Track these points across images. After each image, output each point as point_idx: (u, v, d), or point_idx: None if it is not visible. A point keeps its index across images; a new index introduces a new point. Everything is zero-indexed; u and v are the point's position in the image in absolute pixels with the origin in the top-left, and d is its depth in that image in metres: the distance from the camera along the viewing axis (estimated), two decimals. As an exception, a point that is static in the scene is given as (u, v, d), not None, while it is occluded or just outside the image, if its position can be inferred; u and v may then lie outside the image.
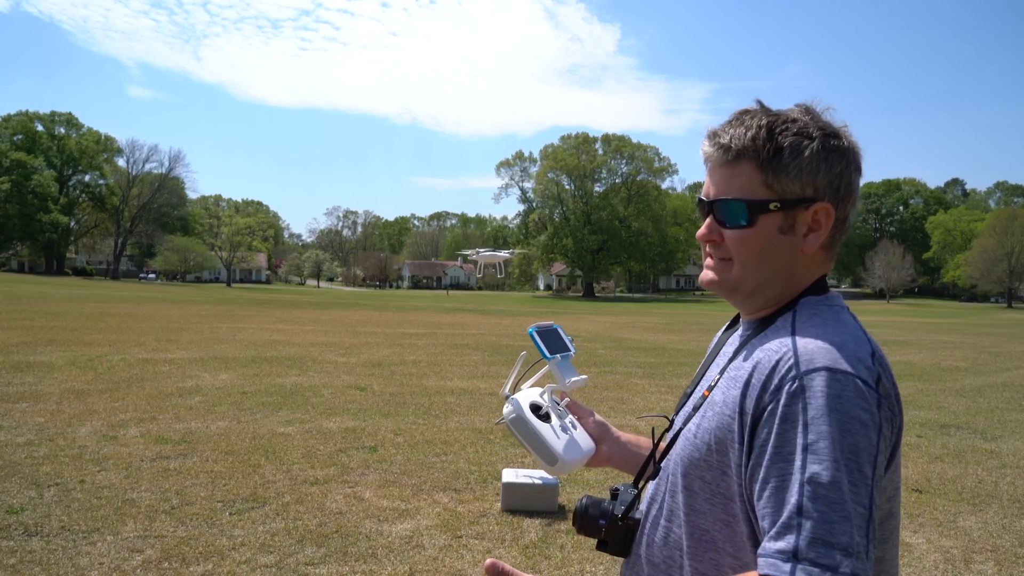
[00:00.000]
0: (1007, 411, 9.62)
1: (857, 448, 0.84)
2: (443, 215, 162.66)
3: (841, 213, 1.02)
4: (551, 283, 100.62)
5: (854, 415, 0.86)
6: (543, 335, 1.27)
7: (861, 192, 1.07)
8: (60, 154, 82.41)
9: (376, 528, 4.45)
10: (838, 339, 0.93)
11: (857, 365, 0.90)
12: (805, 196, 1.00)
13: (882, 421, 0.88)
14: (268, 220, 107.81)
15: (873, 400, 0.88)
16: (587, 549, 4.23)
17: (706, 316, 38.36)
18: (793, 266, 1.04)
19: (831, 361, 0.89)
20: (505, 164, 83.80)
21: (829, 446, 0.84)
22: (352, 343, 15.95)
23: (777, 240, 1.02)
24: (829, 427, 0.85)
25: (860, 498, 0.83)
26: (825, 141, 1.00)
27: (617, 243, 77.38)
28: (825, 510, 0.81)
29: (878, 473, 0.86)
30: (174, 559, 3.85)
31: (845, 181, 1.01)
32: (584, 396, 9.62)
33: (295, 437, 6.69)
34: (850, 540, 0.80)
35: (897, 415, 0.94)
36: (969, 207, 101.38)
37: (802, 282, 1.04)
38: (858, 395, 0.87)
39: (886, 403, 0.90)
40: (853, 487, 0.83)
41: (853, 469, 0.83)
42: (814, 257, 1.04)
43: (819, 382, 0.87)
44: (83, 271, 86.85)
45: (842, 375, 0.88)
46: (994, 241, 69.84)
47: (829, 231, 1.02)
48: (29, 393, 8.22)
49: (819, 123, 1.02)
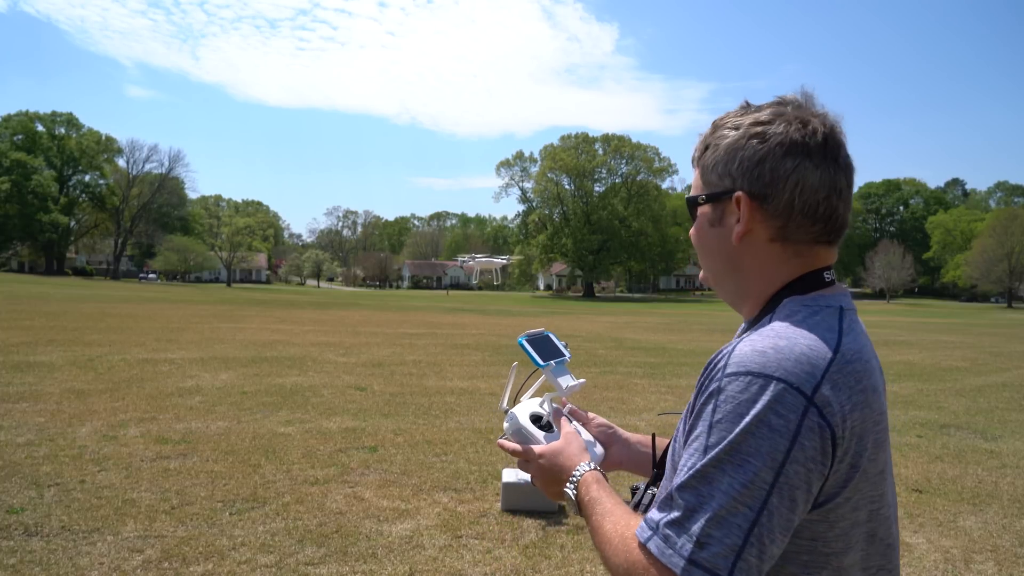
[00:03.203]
0: (1007, 411, 9.62)
1: (756, 451, 0.85)
2: (443, 215, 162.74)
3: (777, 202, 0.97)
4: (551, 283, 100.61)
5: (764, 419, 0.85)
6: (533, 343, 1.26)
7: (860, 192, 1.07)
8: (60, 154, 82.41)
9: (376, 528, 4.45)
10: (785, 342, 0.90)
11: (791, 369, 0.87)
12: (724, 187, 1.01)
13: (803, 429, 0.85)
14: (268, 220, 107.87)
15: (796, 407, 0.85)
16: (587, 549, 4.24)
17: (706, 316, 38.37)
18: (739, 261, 1.02)
19: (758, 365, 0.88)
20: (505, 164, 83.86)
21: (723, 449, 0.86)
22: (352, 343, 15.95)
23: (711, 233, 1.04)
24: (731, 428, 0.86)
25: (742, 499, 0.84)
26: (746, 131, 0.99)
27: (617, 243, 77.38)
28: (693, 500, 0.86)
29: (786, 481, 0.85)
30: (174, 559, 3.85)
31: (769, 168, 0.96)
32: (584, 396, 9.62)
33: (295, 437, 6.69)
34: (704, 532, 0.84)
35: (844, 426, 0.88)
36: (969, 207, 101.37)
37: (772, 280, 1.01)
38: (775, 400, 0.85)
39: (820, 412, 0.86)
40: (733, 487, 0.84)
41: (743, 471, 0.85)
42: (767, 253, 1.00)
43: (735, 385, 0.88)
44: (83, 271, 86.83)
45: (763, 379, 0.87)
46: (994, 241, 69.84)
47: (752, 220, 0.99)
48: (29, 393, 8.22)
49: (746, 115, 1.01)
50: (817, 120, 0.99)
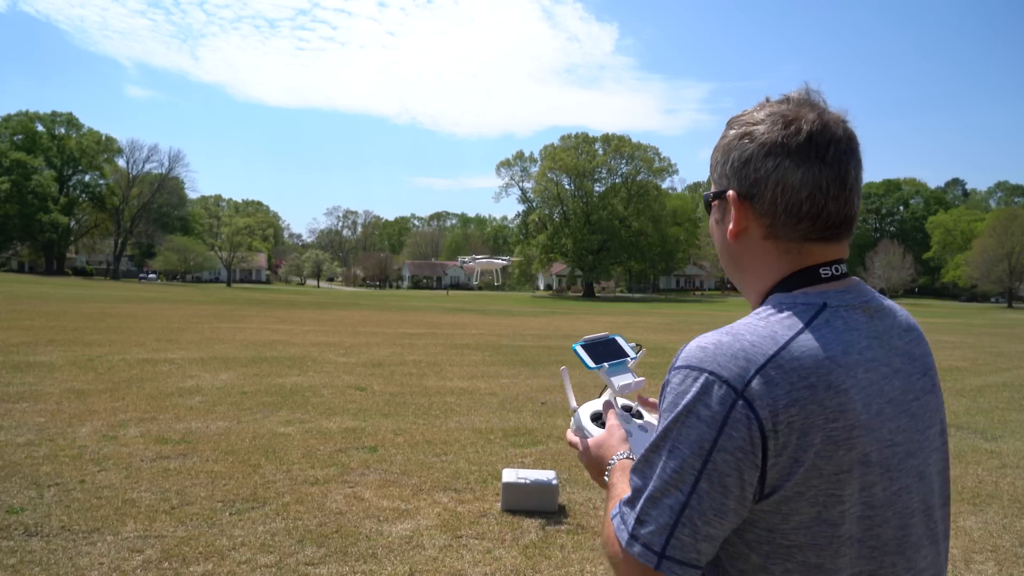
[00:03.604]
0: (1007, 411, 9.62)
1: (685, 439, 0.91)
2: (443, 215, 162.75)
3: (764, 201, 1.00)
4: (551, 283, 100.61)
5: (692, 409, 0.91)
6: (589, 347, 1.34)
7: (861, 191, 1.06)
8: (60, 154, 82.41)
9: (376, 528, 4.45)
10: (729, 337, 0.95)
11: (725, 363, 0.91)
12: (722, 186, 1.06)
13: (730, 420, 0.89)
14: (268, 220, 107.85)
15: (724, 399, 0.90)
16: (587, 549, 4.24)
17: (706, 316, 38.36)
18: (739, 258, 1.07)
19: (696, 360, 0.94)
20: (505, 164, 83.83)
21: (659, 435, 0.94)
22: (352, 343, 15.95)
23: (717, 231, 1.10)
24: (667, 417, 0.94)
25: (674, 482, 0.91)
26: (740, 131, 1.03)
27: (617, 243, 77.37)
28: (638, 482, 0.95)
29: (714, 467, 0.90)
30: (174, 559, 3.85)
31: (752, 167, 1.00)
32: (585, 396, 9.61)
33: (295, 437, 6.69)
34: (643, 510, 0.93)
35: (777, 419, 0.89)
36: (969, 207, 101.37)
37: (766, 277, 1.04)
38: (703, 391, 0.91)
39: (748, 405, 0.89)
40: (666, 471, 0.92)
41: (674, 456, 0.92)
42: (762, 251, 1.03)
43: (676, 378, 0.95)
44: (83, 271, 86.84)
45: (696, 372, 0.93)
46: (994, 241, 69.81)
47: (744, 219, 1.03)
48: (29, 393, 8.22)
49: (744, 115, 1.05)
50: (807, 118, 1.00)
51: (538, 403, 8.97)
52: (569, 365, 1.46)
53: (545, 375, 11.67)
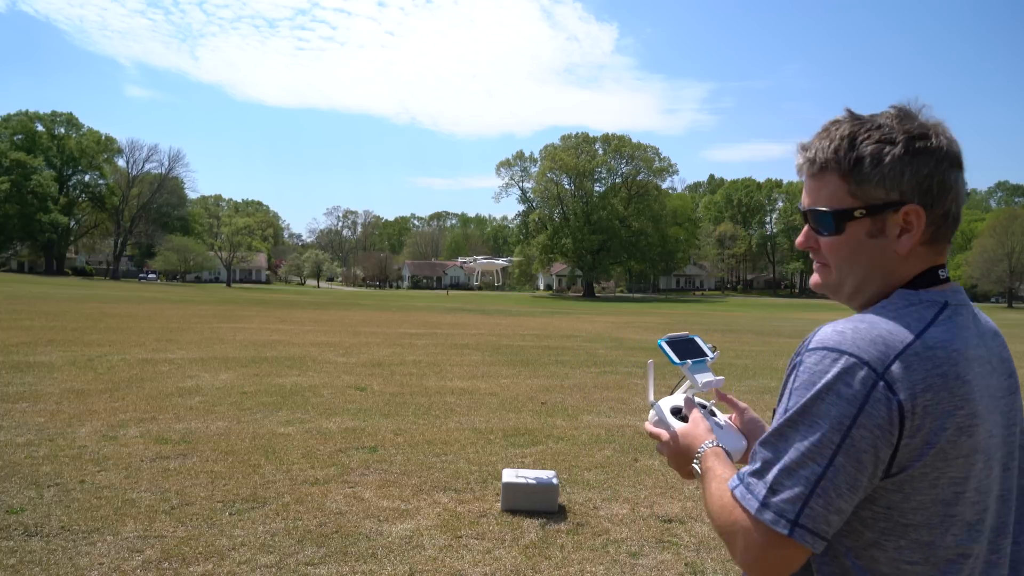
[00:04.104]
0: (1007, 411, 9.63)
1: (824, 414, 0.96)
2: (443, 215, 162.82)
3: (938, 210, 1.05)
4: (551, 283, 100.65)
5: (832, 387, 0.97)
6: (673, 344, 1.42)
7: None
8: (60, 154, 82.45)
9: (376, 528, 4.45)
10: (865, 324, 1.00)
11: (865, 347, 0.97)
12: (891, 200, 1.05)
13: (871, 399, 0.95)
14: (267, 220, 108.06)
15: (865, 379, 0.96)
16: (587, 549, 4.24)
17: (706, 316, 38.37)
18: (888, 265, 1.09)
19: (834, 342, 0.99)
20: (505, 164, 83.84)
21: (796, 411, 0.99)
22: (352, 343, 15.95)
23: (868, 244, 1.09)
24: (804, 395, 0.99)
25: (811, 455, 0.97)
26: (909, 144, 1.04)
27: (617, 243, 77.38)
28: (771, 454, 1.00)
29: (852, 443, 0.95)
30: (174, 559, 3.85)
31: (937, 180, 1.04)
32: (585, 396, 9.63)
33: (295, 437, 6.69)
34: (776, 480, 0.98)
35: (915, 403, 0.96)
36: (970, 207, 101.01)
37: (902, 277, 1.09)
38: (844, 371, 0.97)
39: (888, 387, 0.95)
40: (804, 444, 0.97)
41: (813, 430, 0.97)
42: (912, 254, 1.08)
43: (812, 359, 1.00)
44: (83, 271, 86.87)
45: (836, 353, 0.98)
46: (994, 241, 69.83)
47: (925, 230, 1.06)
48: (29, 393, 8.22)
49: (905, 126, 1.06)
50: (942, 130, 1.07)
51: (538, 403, 8.97)
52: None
53: (545, 375, 11.67)
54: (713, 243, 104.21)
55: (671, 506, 5.07)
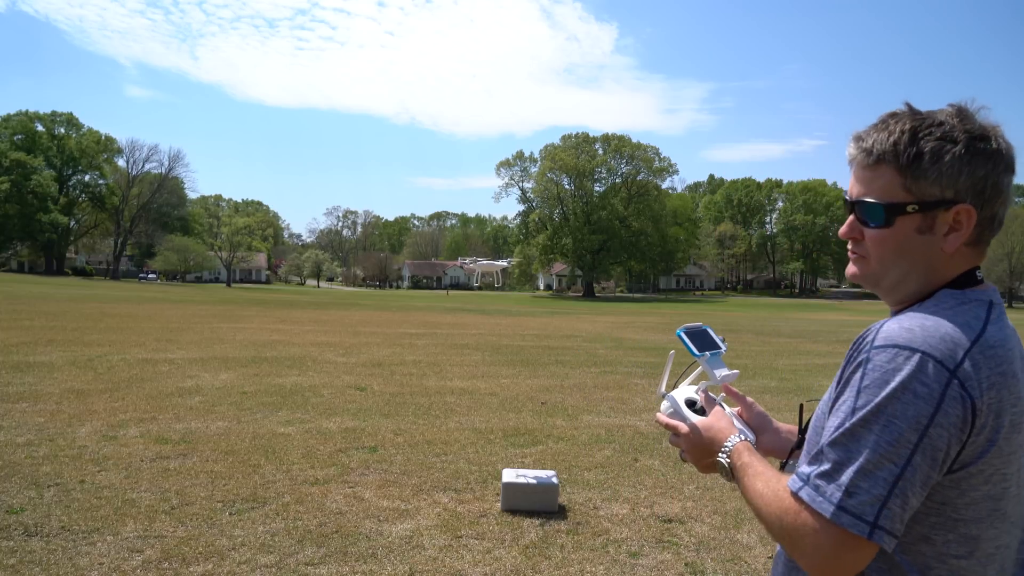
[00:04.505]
0: (1007, 411, 9.63)
1: (902, 414, 0.95)
2: (443, 215, 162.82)
3: (987, 213, 1.07)
4: (551, 283, 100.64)
5: (908, 386, 0.95)
6: (691, 335, 1.40)
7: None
8: (60, 154, 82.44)
9: (376, 528, 4.45)
10: (931, 322, 1.00)
11: (936, 345, 0.97)
12: (945, 198, 1.05)
13: (947, 398, 0.95)
14: (267, 220, 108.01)
15: (939, 377, 0.95)
16: (587, 549, 4.24)
17: (706, 316, 38.37)
18: (933, 263, 1.10)
19: (905, 340, 0.98)
20: (505, 164, 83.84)
21: (870, 410, 0.97)
22: (352, 343, 15.95)
23: (915, 239, 1.08)
24: (877, 393, 0.97)
25: (888, 455, 0.95)
26: (970, 145, 1.05)
27: (617, 243, 77.37)
28: (843, 456, 0.97)
29: (929, 442, 0.95)
30: (174, 559, 3.85)
31: (991, 183, 1.05)
32: (585, 396, 9.63)
33: (295, 437, 6.69)
34: (852, 482, 0.95)
35: (983, 400, 0.97)
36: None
37: (944, 276, 1.09)
38: (919, 370, 0.96)
39: (961, 385, 0.96)
40: (880, 444, 0.95)
41: (889, 430, 0.95)
42: (957, 253, 1.09)
43: (882, 356, 0.98)
44: (83, 271, 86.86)
45: (908, 351, 0.97)
46: (994, 241, 69.69)
47: (972, 231, 1.07)
48: (29, 393, 8.22)
49: (967, 126, 1.06)
50: (999, 133, 1.08)
51: (538, 403, 8.97)
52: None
53: (545, 375, 11.67)
54: (713, 243, 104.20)
55: (671, 506, 5.07)
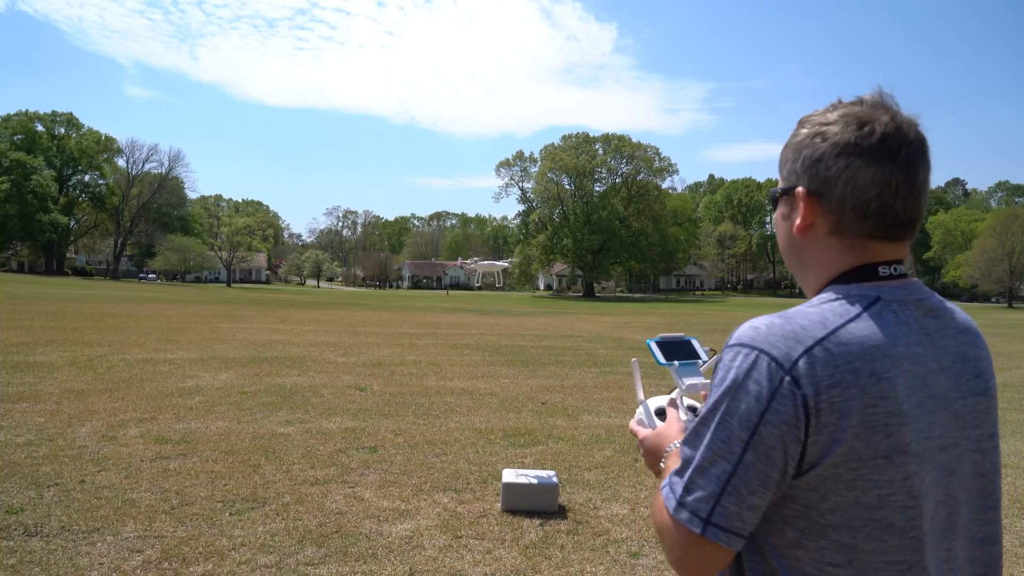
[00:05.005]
0: (1007, 411, 9.61)
1: (734, 412, 0.97)
2: (443, 215, 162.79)
3: (828, 198, 1.05)
4: (551, 283, 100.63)
5: (742, 384, 0.97)
6: (663, 345, 1.42)
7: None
8: (60, 154, 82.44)
9: (376, 528, 4.45)
10: (781, 320, 0.99)
11: (775, 343, 0.97)
12: (791, 183, 1.10)
13: (777, 395, 0.94)
14: (268, 220, 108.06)
15: (773, 375, 0.95)
16: (587, 549, 4.24)
17: (706, 316, 38.37)
18: (805, 253, 1.10)
19: (748, 338, 0.99)
20: (505, 164, 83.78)
21: (709, 408, 0.99)
22: (352, 343, 15.95)
23: (783, 226, 1.13)
24: (717, 392, 0.99)
25: (721, 453, 0.97)
26: (813, 130, 1.07)
27: (617, 243, 77.33)
28: (688, 453, 1.01)
29: (760, 440, 0.95)
30: (174, 559, 3.85)
31: (824, 166, 1.04)
32: (585, 396, 9.62)
33: (295, 437, 6.69)
34: (690, 479, 0.99)
35: (819, 398, 0.94)
36: (970, 207, 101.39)
37: (828, 270, 1.08)
38: (753, 367, 0.97)
39: (796, 382, 0.94)
40: (715, 442, 0.97)
41: (723, 428, 0.97)
42: (826, 246, 1.07)
43: (728, 355, 1.00)
44: (83, 271, 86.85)
45: (747, 349, 0.98)
46: (994, 241, 69.80)
47: (821, 216, 1.06)
48: (29, 393, 8.22)
49: (826, 115, 1.08)
50: (880, 120, 1.04)
51: (538, 403, 8.97)
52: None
53: (545, 375, 11.67)
54: (713, 243, 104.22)
55: (671, 506, 5.07)
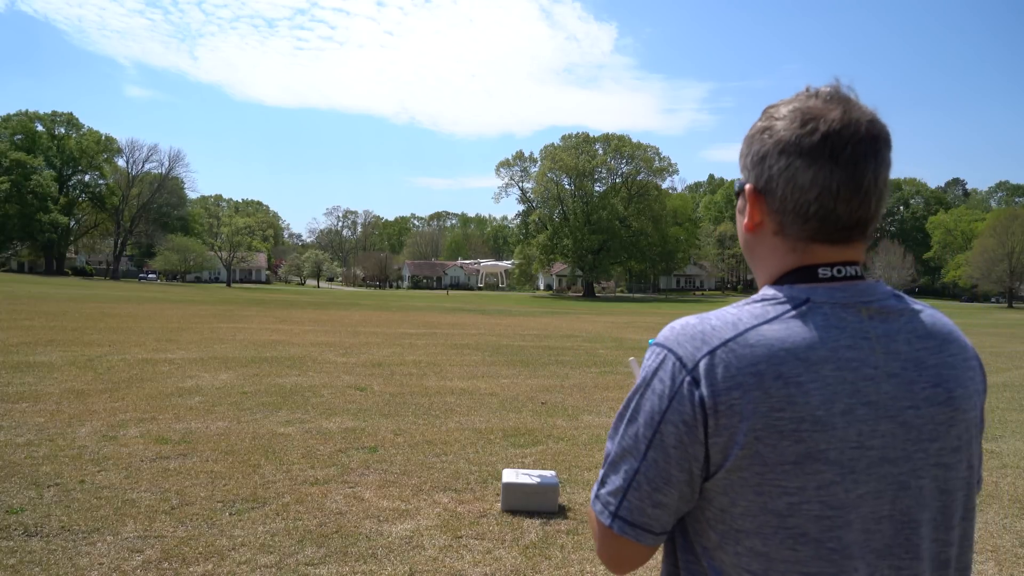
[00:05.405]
0: (1007, 411, 9.61)
1: (641, 409, 0.99)
2: (443, 215, 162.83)
3: (771, 198, 1.01)
4: (551, 283, 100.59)
5: (649, 383, 0.99)
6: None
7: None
8: (60, 154, 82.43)
9: (376, 528, 4.45)
10: (697, 320, 1.00)
11: (683, 342, 0.98)
12: (744, 179, 1.07)
13: (677, 395, 0.95)
14: (268, 220, 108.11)
15: (676, 375, 0.96)
16: (587, 549, 4.23)
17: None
18: (752, 249, 1.09)
19: (663, 338, 1.02)
20: (505, 164, 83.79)
21: (623, 405, 1.02)
22: (352, 343, 15.95)
23: (739, 221, 1.11)
24: (632, 390, 1.02)
25: (629, 449, 0.99)
26: (766, 122, 1.03)
27: (617, 243, 77.32)
28: (608, 448, 1.03)
29: (661, 438, 0.96)
30: (174, 559, 3.84)
31: (768, 164, 1.00)
32: (585, 396, 9.62)
33: (295, 437, 6.69)
34: (605, 474, 1.02)
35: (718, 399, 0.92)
36: (970, 207, 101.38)
37: (771, 271, 1.06)
38: (660, 366, 0.98)
39: (695, 382, 0.94)
40: (624, 439, 1.00)
41: (631, 425, 0.99)
42: (772, 245, 1.04)
43: (647, 353, 1.03)
44: (83, 271, 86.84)
45: (659, 349, 1.00)
46: (994, 241, 69.80)
47: (766, 215, 1.03)
48: (29, 393, 8.22)
49: (780, 109, 1.02)
50: (826, 117, 0.97)
51: (538, 403, 8.96)
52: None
53: (545, 375, 11.67)
54: (713, 243, 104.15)
55: (671, 506, 5.07)
